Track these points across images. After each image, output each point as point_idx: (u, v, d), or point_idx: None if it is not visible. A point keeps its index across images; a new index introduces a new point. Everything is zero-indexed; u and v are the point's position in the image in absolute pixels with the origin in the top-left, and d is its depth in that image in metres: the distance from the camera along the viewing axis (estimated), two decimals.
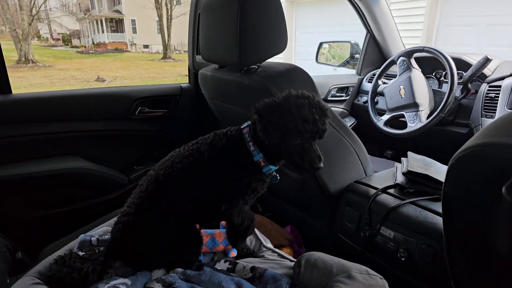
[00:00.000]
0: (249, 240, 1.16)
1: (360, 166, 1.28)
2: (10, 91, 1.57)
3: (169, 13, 13.76)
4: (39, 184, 1.61)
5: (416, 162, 1.19)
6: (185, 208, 0.90)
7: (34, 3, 12.21)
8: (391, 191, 1.14)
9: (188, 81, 2.07)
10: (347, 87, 2.40)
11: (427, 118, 1.77)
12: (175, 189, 0.89)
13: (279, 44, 1.11)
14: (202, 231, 1.12)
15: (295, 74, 1.09)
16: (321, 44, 2.68)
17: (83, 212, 1.74)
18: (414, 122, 1.78)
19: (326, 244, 1.38)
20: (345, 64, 2.64)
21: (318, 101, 0.85)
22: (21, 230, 1.63)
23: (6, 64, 1.56)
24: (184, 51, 13.75)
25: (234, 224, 0.95)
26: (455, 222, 0.60)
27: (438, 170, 1.14)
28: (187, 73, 2.07)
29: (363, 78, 2.42)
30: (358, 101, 2.40)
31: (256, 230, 1.19)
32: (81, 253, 0.92)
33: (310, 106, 0.82)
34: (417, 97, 1.81)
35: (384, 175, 1.29)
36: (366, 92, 2.35)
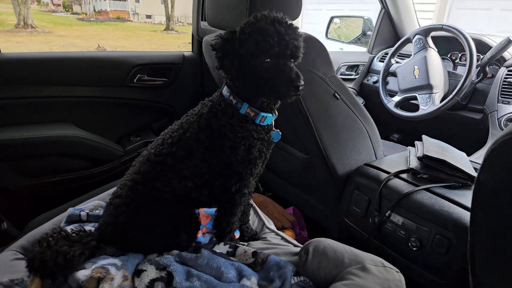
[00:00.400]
0: (252, 221, 1.10)
1: (371, 148, 1.21)
2: None
3: None
4: (28, 151, 1.53)
5: (432, 146, 1.11)
6: (185, 186, 0.83)
7: None
8: (404, 176, 1.07)
9: (191, 50, 1.95)
10: (357, 65, 2.30)
11: (441, 101, 1.68)
12: (170, 166, 0.82)
13: (294, 9, 1.01)
14: (202, 210, 1.06)
15: (309, 43, 1.00)
16: (332, 18, 2.54)
17: (75, 182, 1.67)
18: (427, 105, 1.69)
19: (330, 229, 1.33)
20: (356, 41, 2.51)
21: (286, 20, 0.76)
22: (7, 199, 1.55)
23: (4, 29, 1.45)
24: (188, 23, 13.41)
25: (235, 202, 0.88)
26: (488, 216, 0.53)
27: (455, 156, 1.07)
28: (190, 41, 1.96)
29: (374, 57, 2.31)
30: (367, 80, 2.29)
31: (258, 209, 1.13)
32: (69, 228, 0.85)
33: (271, 23, 0.74)
34: (432, 79, 1.71)
35: (396, 158, 1.21)
36: (376, 72, 2.24)
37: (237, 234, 1.03)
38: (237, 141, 0.80)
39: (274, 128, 0.88)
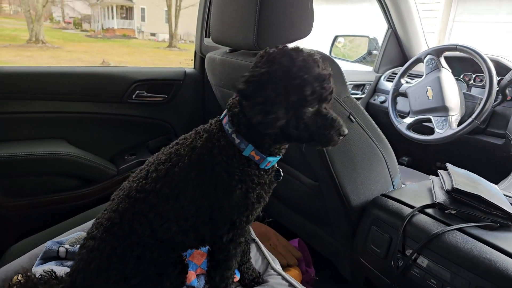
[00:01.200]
0: (254, 259, 0.96)
1: (388, 177, 1.08)
2: None
3: (178, 4, 13.72)
4: (16, 169, 1.42)
5: (461, 177, 0.98)
6: (168, 230, 0.70)
7: None
8: (430, 211, 0.93)
9: (193, 66, 1.87)
10: (363, 85, 2.20)
11: (458, 124, 1.56)
12: (151, 207, 0.69)
13: (304, 27, 0.93)
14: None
15: None
16: (336, 37, 2.47)
17: (63, 203, 1.55)
18: (443, 128, 1.58)
19: (341, 267, 1.18)
20: (361, 60, 2.43)
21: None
22: None
23: (16, 44, 1.37)
24: (190, 41, 13.65)
25: (229, 254, 0.75)
26: None
27: (488, 190, 0.93)
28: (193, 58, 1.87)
29: (380, 76, 2.22)
30: (374, 100, 2.19)
31: (262, 246, 0.99)
32: (41, 269, 0.71)
33: (313, 62, 0.64)
34: (447, 100, 1.61)
35: (417, 189, 1.08)
36: (383, 91, 2.16)
37: (236, 276, 0.89)
38: (232, 183, 0.68)
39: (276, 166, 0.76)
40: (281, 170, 0.77)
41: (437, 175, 1.08)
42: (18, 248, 1.25)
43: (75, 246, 0.90)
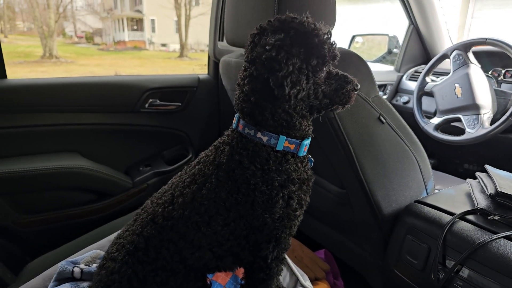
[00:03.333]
0: (282, 275, 0.89)
1: (421, 182, 1.00)
2: (5, 76, 1.38)
3: (187, 13, 13.92)
4: (29, 185, 1.39)
5: (504, 180, 0.89)
6: (201, 258, 0.64)
7: (61, 2, 12.54)
8: (471, 218, 0.85)
9: (207, 72, 1.82)
10: (385, 85, 2.12)
11: (491, 123, 1.46)
12: (181, 235, 0.63)
13: (327, 21, 0.84)
14: None
15: (348, 59, 0.82)
16: (353, 37, 2.40)
17: (79, 218, 1.52)
18: (475, 128, 1.48)
19: (371, 278, 1.10)
20: (381, 59, 2.35)
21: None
22: (5, 237, 1.41)
23: (31, 60, 1.37)
24: (200, 50, 13.84)
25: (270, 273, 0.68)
26: None
27: None
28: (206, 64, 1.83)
29: (402, 76, 2.13)
30: (396, 101, 2.10)
31: (289, 260, 0.92)
32: None
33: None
34: (478, 98, 1.51)
35: (453, 194, 0.99)
36: (406, 91, 2.06)
37: None
38: (273, 193, 0.61)
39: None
40: (310, 157, 0.71)
41: (466, 177, 1.01)
42: (34, 265, 1.23)
43: (90, 265, 0.85)
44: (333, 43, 0.62)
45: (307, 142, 0.66)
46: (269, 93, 0.59)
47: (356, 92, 0.66)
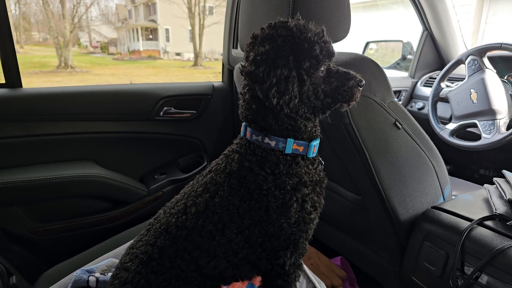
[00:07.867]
0: (298, 283, 0.89)
1: (438, 188, 1.00)
2: (21, 85, 1.40)
3: (201, 22, 14.09)
4: (44, 193, 1.40)
5: None
6: (217, 266, 0.65)
7: (76, 12, 12.87)
8: (489, 223, 0.84)
9: (221, 79, 1.84)
10: (399, 91, 2.11)
11: (507, 128, 1.44)
12: (196, 244, 0.64)
13: (341, 28, 0.86)
14: None
15: (363, 64, 0.83)
16: (367, 43, 2.40)
17: (94, 226, 1.53)
18: (491, 133, 1.46)
19: (388, 285, 1.09)
20: (395, 66, 2.34)
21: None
22: (20, 246, 1.42)
23: (46, 70, 1.41)
24: (214, 59, 13.97)
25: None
26: None
27: None
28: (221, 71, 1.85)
29: (417, 82, 2.12)
30: (411, 107, 2.09)
31: (306, 268, 0.93)
32: None
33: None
34: (494, 103, 1.50)
35: (470, 200, 0.99)
36: (421, 97, 2.05)
37: None
38: (286, 197, 0.62)
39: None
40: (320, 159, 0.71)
41: (483, 183, 1.00)
42: (50, 274, 1.23)
43: (106, 274, 0.87)
44: (326, 41, 0.62)
45: (315, 143, 0.66)
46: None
47: (360, 88, 0.65)
